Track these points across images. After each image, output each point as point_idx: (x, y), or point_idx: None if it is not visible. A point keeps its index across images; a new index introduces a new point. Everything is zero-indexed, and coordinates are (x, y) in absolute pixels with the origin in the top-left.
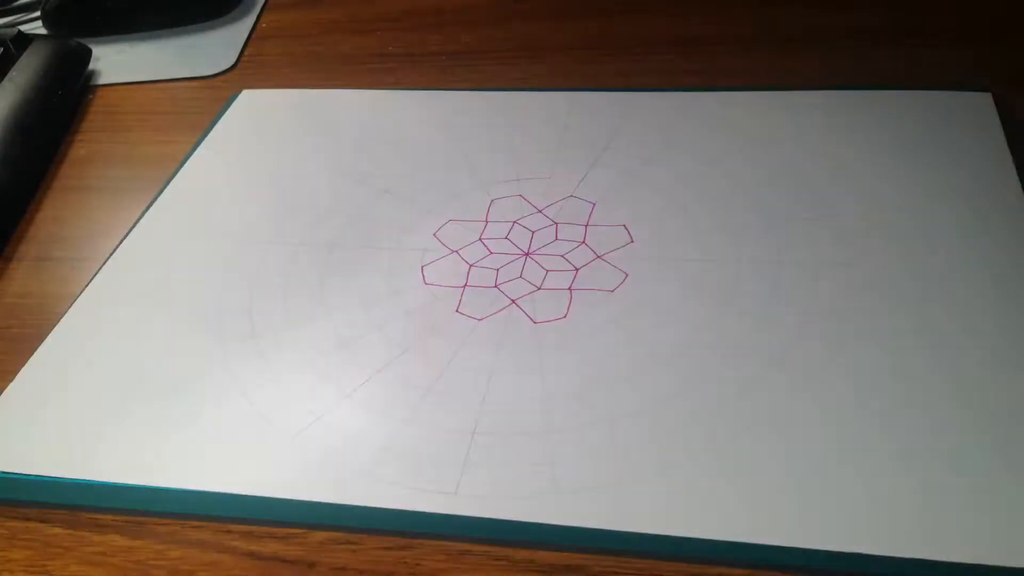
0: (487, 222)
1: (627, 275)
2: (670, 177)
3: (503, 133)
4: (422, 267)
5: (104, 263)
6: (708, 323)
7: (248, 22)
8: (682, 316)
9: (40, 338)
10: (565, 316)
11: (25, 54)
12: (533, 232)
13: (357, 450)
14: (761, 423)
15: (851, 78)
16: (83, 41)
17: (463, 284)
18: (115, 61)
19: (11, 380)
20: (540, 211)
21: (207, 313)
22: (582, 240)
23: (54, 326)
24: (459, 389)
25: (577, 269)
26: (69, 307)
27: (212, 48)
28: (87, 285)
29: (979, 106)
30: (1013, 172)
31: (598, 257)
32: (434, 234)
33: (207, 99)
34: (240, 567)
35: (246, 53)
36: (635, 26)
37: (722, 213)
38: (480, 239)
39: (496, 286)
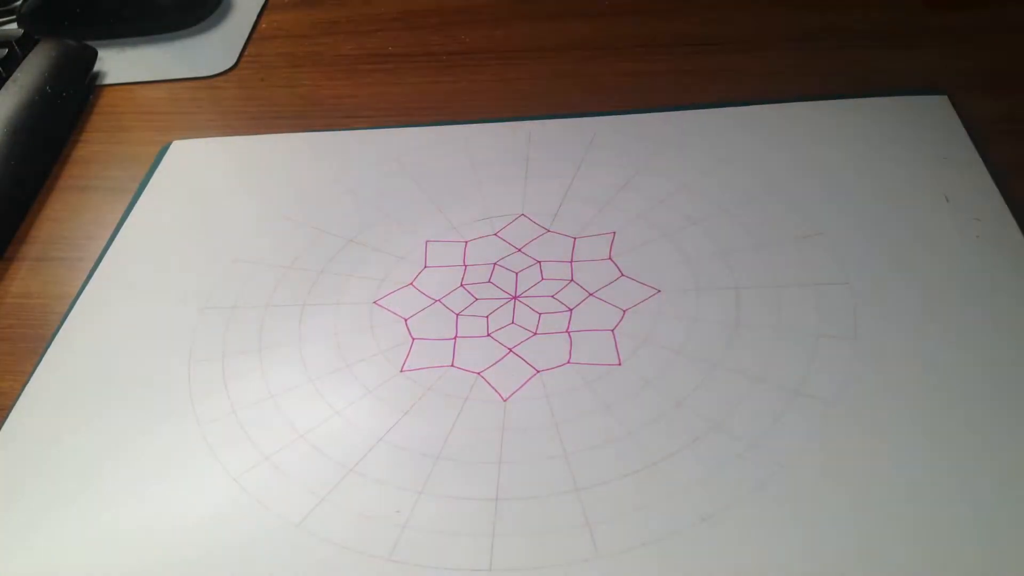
0: (465, 266)
1: (624, 312)
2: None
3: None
4: (406, 320)
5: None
6: (717, 356)
7: (248, 22)
8: (689, 351)
9: (42, 338)
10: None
11: (31, 55)
12: (517, 273)
13: (371, 533)
14: (792, 458)
15: (796, 87)
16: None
17: (453, 336)
18: (116, 61)
19: (12, 379)
20: (519, 250)
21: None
22: (570, 278)
23: (54, 329)
24: (471, 452)
25: (571, 309)
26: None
27: (212, 48)
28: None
29: (939, 108)
30: (985, 171)
31: (591, 295)
32: (411, 283)
33: (207, 99)
34: None
35: (246, 53)
36: (635, 27)
37: (710, 236)
38: (462, 285)
39: (489, 335)
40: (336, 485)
